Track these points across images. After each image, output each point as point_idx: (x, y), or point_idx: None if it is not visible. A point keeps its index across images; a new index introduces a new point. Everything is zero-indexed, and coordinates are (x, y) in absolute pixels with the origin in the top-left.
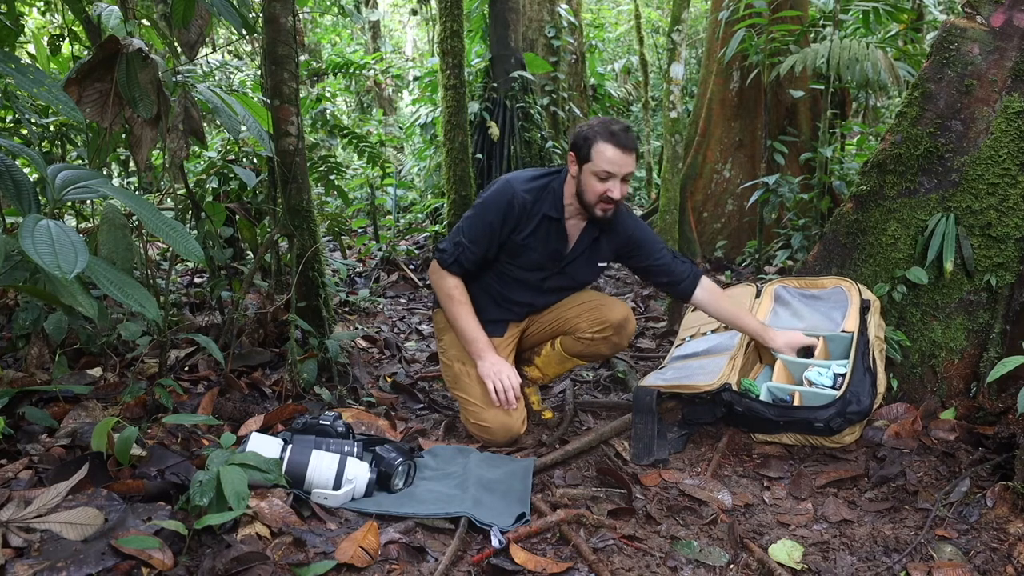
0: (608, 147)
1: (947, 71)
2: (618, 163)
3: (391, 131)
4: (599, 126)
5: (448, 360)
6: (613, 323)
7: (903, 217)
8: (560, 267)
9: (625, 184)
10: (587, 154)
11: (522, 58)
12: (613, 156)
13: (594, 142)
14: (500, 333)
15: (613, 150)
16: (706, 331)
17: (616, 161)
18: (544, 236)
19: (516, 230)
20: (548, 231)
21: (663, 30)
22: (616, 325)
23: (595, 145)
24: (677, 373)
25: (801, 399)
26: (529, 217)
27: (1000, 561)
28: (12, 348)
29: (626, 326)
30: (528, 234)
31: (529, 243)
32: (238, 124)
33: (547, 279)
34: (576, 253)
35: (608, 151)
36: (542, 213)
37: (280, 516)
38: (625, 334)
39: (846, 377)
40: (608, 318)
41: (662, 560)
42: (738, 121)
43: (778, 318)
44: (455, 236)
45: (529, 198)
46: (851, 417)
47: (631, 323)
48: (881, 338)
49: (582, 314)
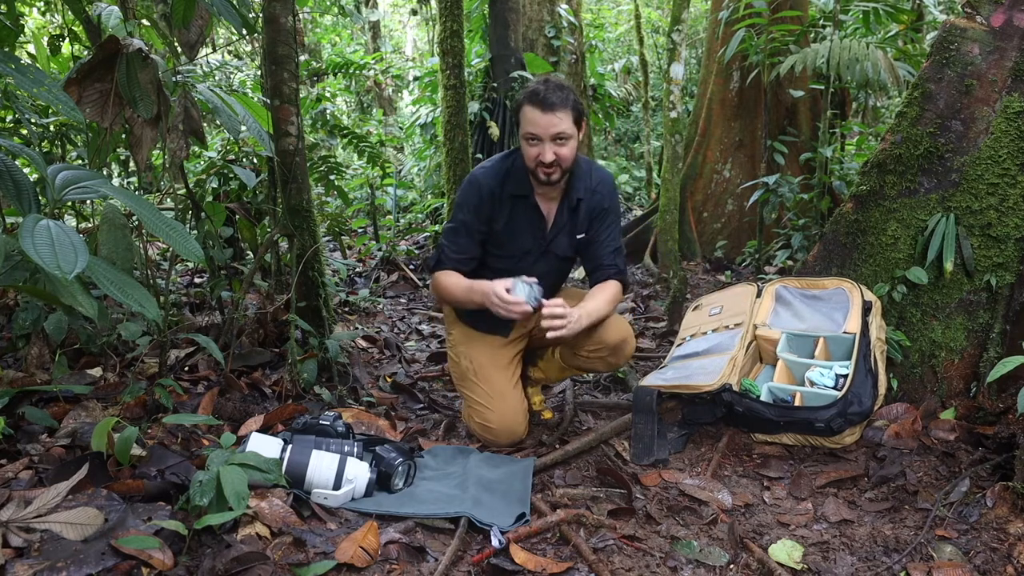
0: (530, 109)
1: (947, 71)
2: (541, 124)
3: (391, 131)
4: (527, 88)
5: (456, 356)
6: (609, 344)
7: (903, 217)
8: (545, 246)
9: (560, 145)
10: (518, 119)
11: (522, 58)
12: (533, 117)
13: (521, 106)
14: (505, 332)
15: (532, 110)
16: (706, 331)
17: (537, 122)
18: (521, 217)
19: (493, 219)
20: (523, 211)
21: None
22: (612, 347)
23: (521, 109)
24: (677, 373)
25: (802, 399)
26: (501, 202)
27: (1000, 561)
28: (12, 348)
29: (623, 348)
30: (506, 220)
31: (510, 228)
32: (238, 124)
33: (535, 262)
34: (557, 229)
35: (531, 113)
36: (509, 194)
37: (280, 516)
38: (622, 355)
39: (848, 378)
40: (604, 339)
41: (662, 560)
42: (738, 121)
43: (779, 318)
44: (444, 235)
45: (494, 183)
46: (852, 418)
47: (629, 345)
48: (882, 339)
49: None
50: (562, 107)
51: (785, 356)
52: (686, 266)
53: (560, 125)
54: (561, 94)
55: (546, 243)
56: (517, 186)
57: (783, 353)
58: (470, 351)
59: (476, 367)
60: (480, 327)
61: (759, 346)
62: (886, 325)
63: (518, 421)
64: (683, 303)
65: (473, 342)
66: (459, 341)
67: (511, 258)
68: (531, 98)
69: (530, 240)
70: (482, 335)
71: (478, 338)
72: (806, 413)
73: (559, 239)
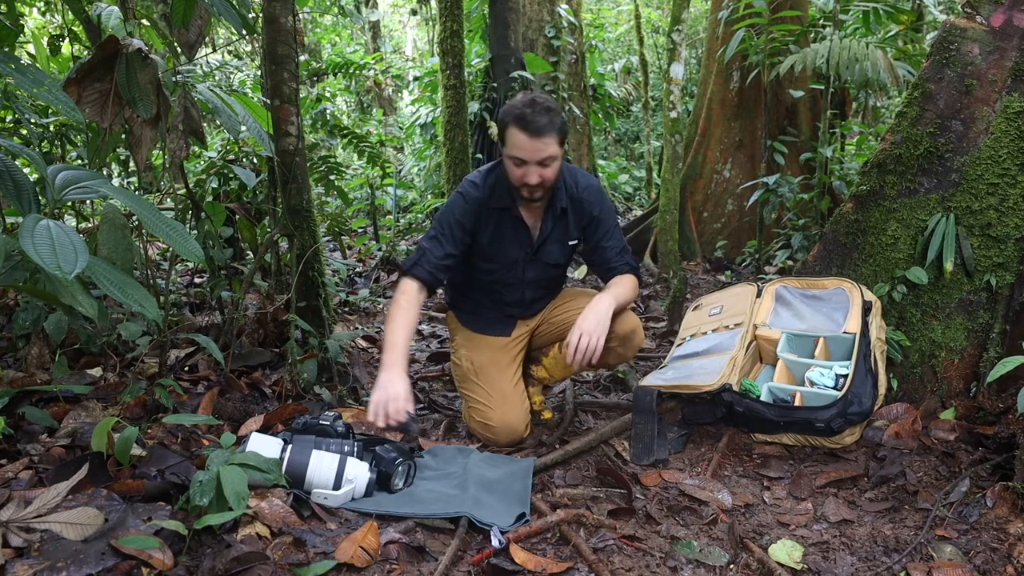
0: (517, 134)
1: (947, 71)
2: (527, 149)
3: (391, 131)
4: (513, 109)
5: (458, 359)
6: (619, 335)
7: (903, 217)
8: (532, 254)
9: (545, 168)
10: (503, 138)
11: (522, 58)
12: (522, 143)
13: (507, 127)
14: (507, 332)
15: (521, 136)
16: (707, 331)
17: (525, 147)
18: (507, 229)
19: (478, 231)
20: (508, 223)
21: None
22: (622, 337)
23: (507, 130)
24: (677, 373)
25: (802, 399)
26: (488, 214)
27: (1000, 561)
28: (12, 348)
29: (632, 338)
30: (492, 232)
31: (496, 240)
32: (238, 124)
33: (525, 270)
34: (544, 236)
35: (516, 137)
36: (494, 207)
37: (280, 516)
38: (631, 346)
39: (848, 378)
40: (615, 329)
41: (662, 560)
42: (738, 121)
43: (779, 318)
44: (419, 245)
45: (482, 195)
46: (852, 418)
47: (638, 335)
48: (882, 339)
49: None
50: (549, 132)
51: (785, 356)
52: (686, 266)
53: (546, 150)
54: (547, 118)
55: (533, 252)
56: (500, 199)
57: (783, 353)
58: (471, 353)
59: (477, 367)
60: (482, 329)
61: (759, 346)
62: (886, 325)
63: (519, 420)
64: (683, 303)
65: (475, 344)
66: (461, 344)
67: (501, 268)
68: (518, 122)
69: (517, 250)
70: (483, 336)
71: (480, 340)
72: (806, 413)
73: (548, 248)
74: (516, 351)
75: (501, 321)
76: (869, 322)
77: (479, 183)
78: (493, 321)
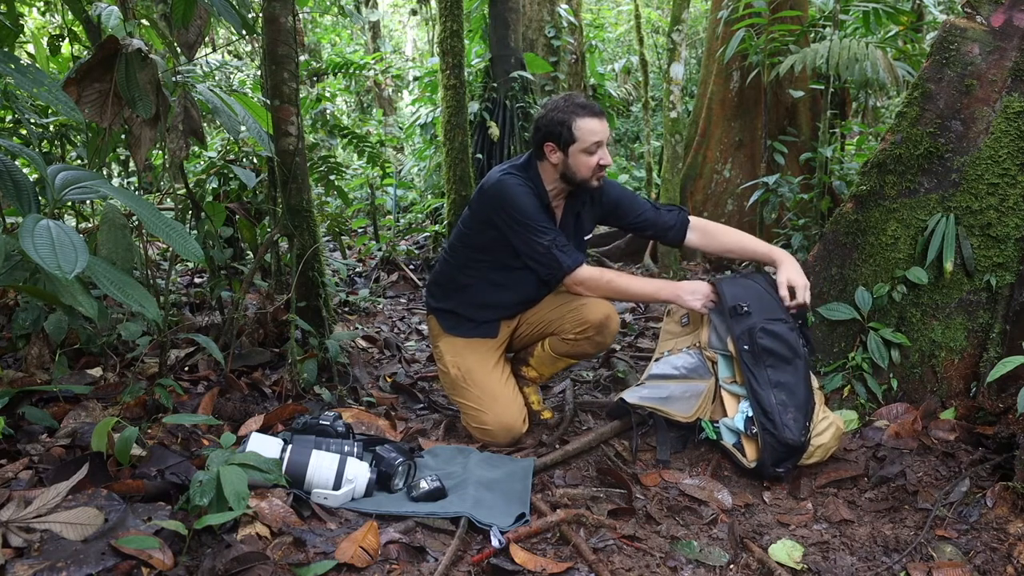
0: (588, 120)
1: (947, 71)
2: (601, 131)
3: (391, 131)
4: (567, 107)
5: (444, 367)
6: (594, 323)
7: (903, 217)
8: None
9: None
10: (570, 136)
11: (522, 58)
12: (595, 127)
13: (572, 122)
14: (494, 334)
15: (593, 121)
16: (681, 348)
17: (599, 130)
18: None
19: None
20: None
21: (663, 30)
22: (597, 325)
23: (575, 124)
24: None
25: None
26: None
27: (1000, 561)
28: (12, 348)
29: (608, 324)
30: None
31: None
32: (238, 124)
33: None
34: (566, 232)
35: (590, 123)
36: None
37: (280, 516)
38: (608, 332)
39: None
40: (588, 319)
41: (662, 560)
42: (738, 121)
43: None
44: (540, 245)
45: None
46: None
47: (613, 321)
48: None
49: (564, 315)
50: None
51: (725, 388)
52: (686, 266)
53: (608, 128)
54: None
55: None
56: (541, 197)
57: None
58: (456, 358)
59: (464, 372)
60: (467, 333)
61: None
62: (886, 325)
63: (515, 418)
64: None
65: (459, 349)
66: (445, 351)
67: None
68: (584, 110)
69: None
70: (467, 341)
71: (464, 345)
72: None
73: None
74: (500, 351)
75: (487, 323)
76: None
77: (521, 177)
78: (478, 324)
